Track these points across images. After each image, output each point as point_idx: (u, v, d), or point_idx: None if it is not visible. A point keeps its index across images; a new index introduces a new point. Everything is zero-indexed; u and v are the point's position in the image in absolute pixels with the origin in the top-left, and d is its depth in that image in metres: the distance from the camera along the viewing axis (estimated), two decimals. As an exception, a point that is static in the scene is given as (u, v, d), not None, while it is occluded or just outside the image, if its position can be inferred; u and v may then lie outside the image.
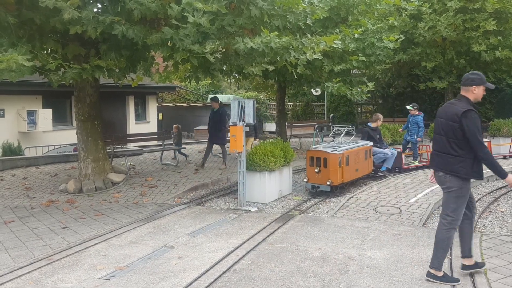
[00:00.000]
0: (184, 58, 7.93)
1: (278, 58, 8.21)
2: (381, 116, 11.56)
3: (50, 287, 4.86)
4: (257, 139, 12.98)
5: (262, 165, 8.68)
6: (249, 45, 7.24)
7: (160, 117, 21.86)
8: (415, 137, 11.83)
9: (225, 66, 9.19)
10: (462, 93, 4.75)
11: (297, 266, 5.31)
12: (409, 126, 12.03)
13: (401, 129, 11.94)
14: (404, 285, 4.79)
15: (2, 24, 7.19)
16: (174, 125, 13.99)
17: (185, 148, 14.14)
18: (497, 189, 9.90)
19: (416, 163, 11.86)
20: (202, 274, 5.09)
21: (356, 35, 10.94)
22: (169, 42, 7.49)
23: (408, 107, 12.15)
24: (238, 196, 8.40)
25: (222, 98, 25.08)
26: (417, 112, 11.97)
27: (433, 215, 7.83)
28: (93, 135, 9.85)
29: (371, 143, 10.53)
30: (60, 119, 17.01)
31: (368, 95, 16.35)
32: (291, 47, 7.86)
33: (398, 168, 11.32)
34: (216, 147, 12.91)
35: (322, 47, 8.16)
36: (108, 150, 10.97)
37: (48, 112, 15.75)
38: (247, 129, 11.34)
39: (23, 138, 15.35)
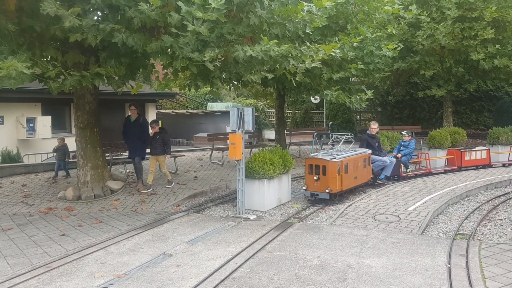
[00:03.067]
0: (183, 66, 7.96)
1: (277, 66, 8.24)
2: (374, 122, 11.62)
3: (47, 295, 4.85)
4: (168, 156, 10.74)
5: (261, 172, 8.69)
6: (248, 53, 7.28)
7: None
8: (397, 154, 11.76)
9: (224, 73, 9.22)
10: None
11: (296, 274, 5.30)
12: (400, 148, 11.92)
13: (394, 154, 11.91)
14: (403, 293, 4.79)
15: (2, 32, 7.22)
16: (58, 137, 12.30)
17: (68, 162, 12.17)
18: (496, 197, 9.91)
19: (409, 172, 11.80)
20: (200, 282, 5.08)
21: (355, 44, 11.00)
22: (169, 50, 7.52)
23: (403, 132, 12.13)
24: (237, 204, 8.39)
25: (222, 105, 25.18)
26: (409, 138, 11.87)
27: (432, 223, 7.83)
28: (92, 143, 9.86)
29: (370, 151, 10.54)
30: (59, 126, 17.02)
31: (367, 103, 16.38)
32: (290, 55, 7.90)
33: (397, 176, 11.32)
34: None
35: (321, 55, 8.21)
36: (107, 158, 10.96)
37: (47, 119, 15.76)
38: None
39: (22, 145, 15.34)
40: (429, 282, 5.06)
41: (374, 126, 11.38)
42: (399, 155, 11.54)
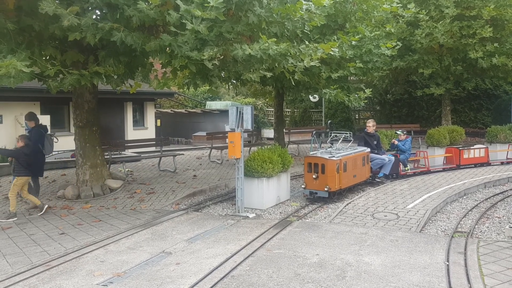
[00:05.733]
0: (182, 65, 7.95)
1: (276, 65, 8.25)
2: (369, 120, 11.65)
3: (47, 293, 4.86)
4: (16, 179, 8.52)
5: (260, 171, 8.70)
6: (247, 51, 7.28)
7: (158, 124, 21.87)
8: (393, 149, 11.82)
9: (223, 72, 9.22)
10: None
11: (295, 272, 5.32)
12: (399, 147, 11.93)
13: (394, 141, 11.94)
14: (402, 291, 4.81)
15: (1, 31, 7.21)
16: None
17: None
18: (494, 195, 9.94)
19: (408, 170, 11.82)
20: (200, 280, 5.09)
21: (353, 42, 11.00)
22: (168, 48, 7.52)
23: (398, 131, 12.15)
24: (236, 202, 8.41)
25: (220, 104, 25.19)
26: (405, 137, 11.88)
27: (430, 221, 7.86)
28: (91, 141, 9.85)
29: (369, 149, 10.56)
30: (58, 125, 16.98)
31: (366, 101, 16.38)
32: (289, 54, 7.90)
33: (395, 174, 11.34)
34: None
35: (320, 54, 8.21)
36: (106, 156, 10.97)
37: (46, 118, 15.71)
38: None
39: (21, 144, 15.32)
40: (428, 279, 5.08)
41: (369, 125, 11.39)
42: (395, 141, 11.60)
